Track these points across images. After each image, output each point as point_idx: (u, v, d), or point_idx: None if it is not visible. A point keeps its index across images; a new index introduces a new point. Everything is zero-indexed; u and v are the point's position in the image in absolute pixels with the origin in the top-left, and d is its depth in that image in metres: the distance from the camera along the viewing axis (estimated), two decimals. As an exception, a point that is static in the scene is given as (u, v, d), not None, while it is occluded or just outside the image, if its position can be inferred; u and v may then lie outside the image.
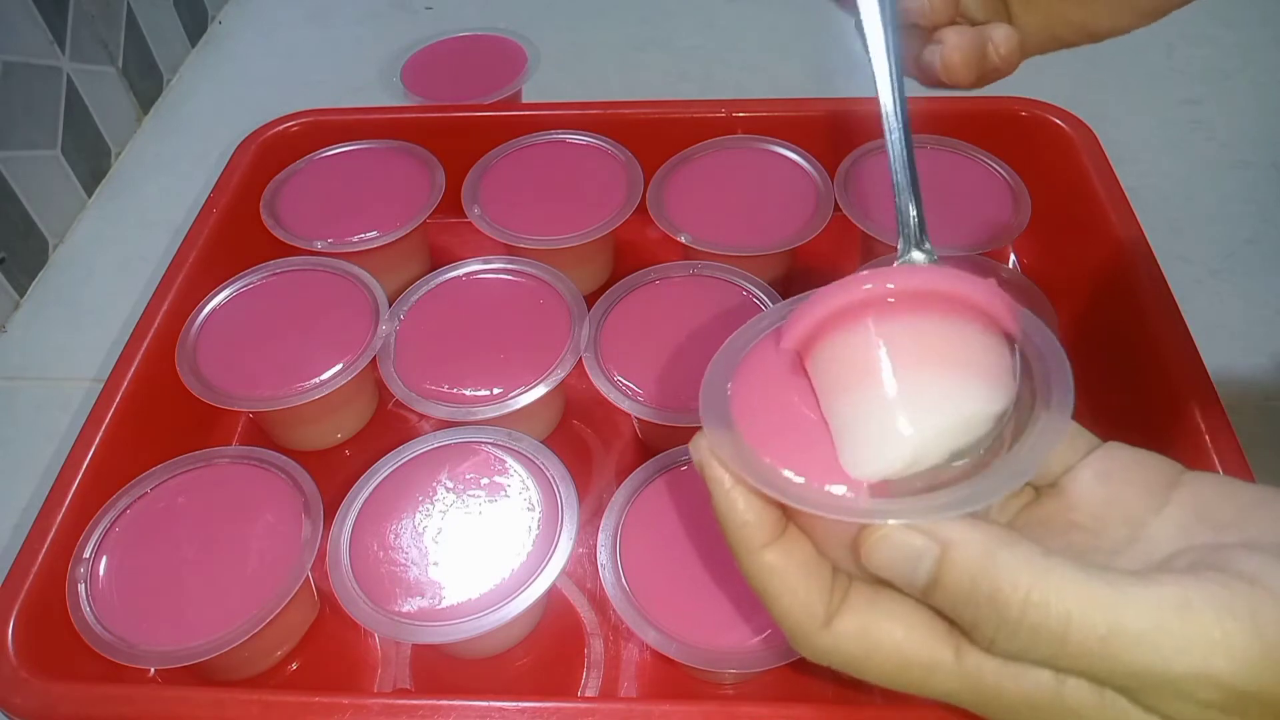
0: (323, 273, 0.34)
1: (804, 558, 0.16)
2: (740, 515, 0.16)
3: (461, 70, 0.45)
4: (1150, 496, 0.16)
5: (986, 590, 0.14)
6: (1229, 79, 0.47)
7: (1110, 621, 0.13)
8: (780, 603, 0.16)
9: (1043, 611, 0.13)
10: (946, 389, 0.15)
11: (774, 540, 0.16)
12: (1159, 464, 0.16)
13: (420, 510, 0.27)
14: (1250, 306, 0.37)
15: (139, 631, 0.25)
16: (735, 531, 0.16)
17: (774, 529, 0.16)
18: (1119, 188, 0.34)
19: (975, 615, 0.14)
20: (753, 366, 0.18)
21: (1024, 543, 0.14)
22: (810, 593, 0.16)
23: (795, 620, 0.16)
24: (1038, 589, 0.13)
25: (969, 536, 0.14)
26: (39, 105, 0.41)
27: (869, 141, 0.37)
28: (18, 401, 0.37)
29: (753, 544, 0.16)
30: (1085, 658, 0.13)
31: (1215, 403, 0.27)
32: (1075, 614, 0.13)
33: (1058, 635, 0.13)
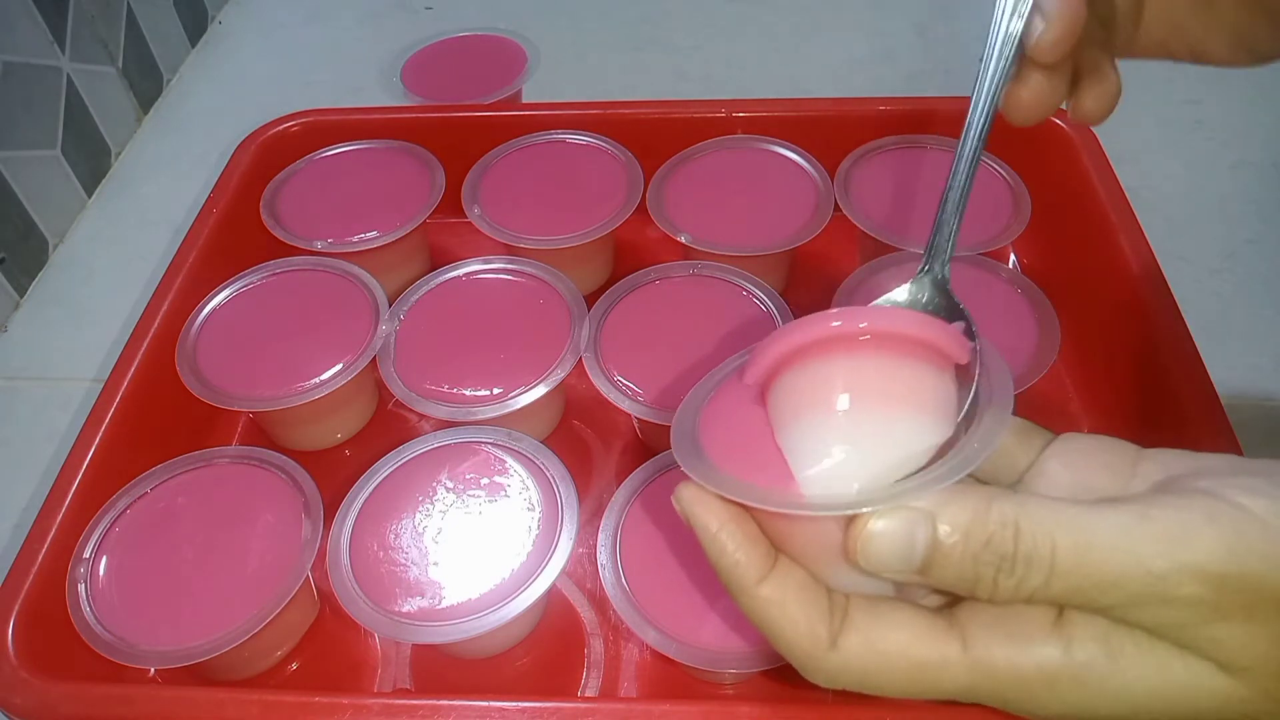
0: (323, 273, 0.34)
1: (799, 586, 0.16)
2: (731, 556, 0.16)
3: (461, 70, 0.45)
4: (1116, 475, 0.16)
5: (980, 538, 0.15)
6: (1229, 79, 0.47)
7: (1087, 538, 0.14)
8: (784, 634, 0.16)
9: (1031, 540, 0.14)
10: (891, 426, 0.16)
11: (766, 575, 0.16)
12: (1118, 445, 0.17)
13: (420, 510, 0.27)
14: (1250, 306, 0.37)
15: (139, 631, 0.25)
16: (728, 573, 0.16)
17: (764, 564, 0.16)
18: (1119, 188, 0.33)
19: (975, 569, 0.15)
20: (720, 406, 0.18)
21: (999, 490, 0.15)
22: (811, 619, 0.16)
23: (801, 648, 0.16)
24: (1023, 519, 0.14)
25: (951, 499, 0.15)
26: (39, 105, 0.41)
27: (869, 141, 0.37)
28: (18, 401, 0.37)
29: (747, 582, 0.16)
30: (1074, 576, 0.14)
31: (1215, 402, 0.27)
32: (1058, 534, 0.14)
33: (1046, 558, 0.14)
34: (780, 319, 0.31)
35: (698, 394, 0.20)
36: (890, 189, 0.36)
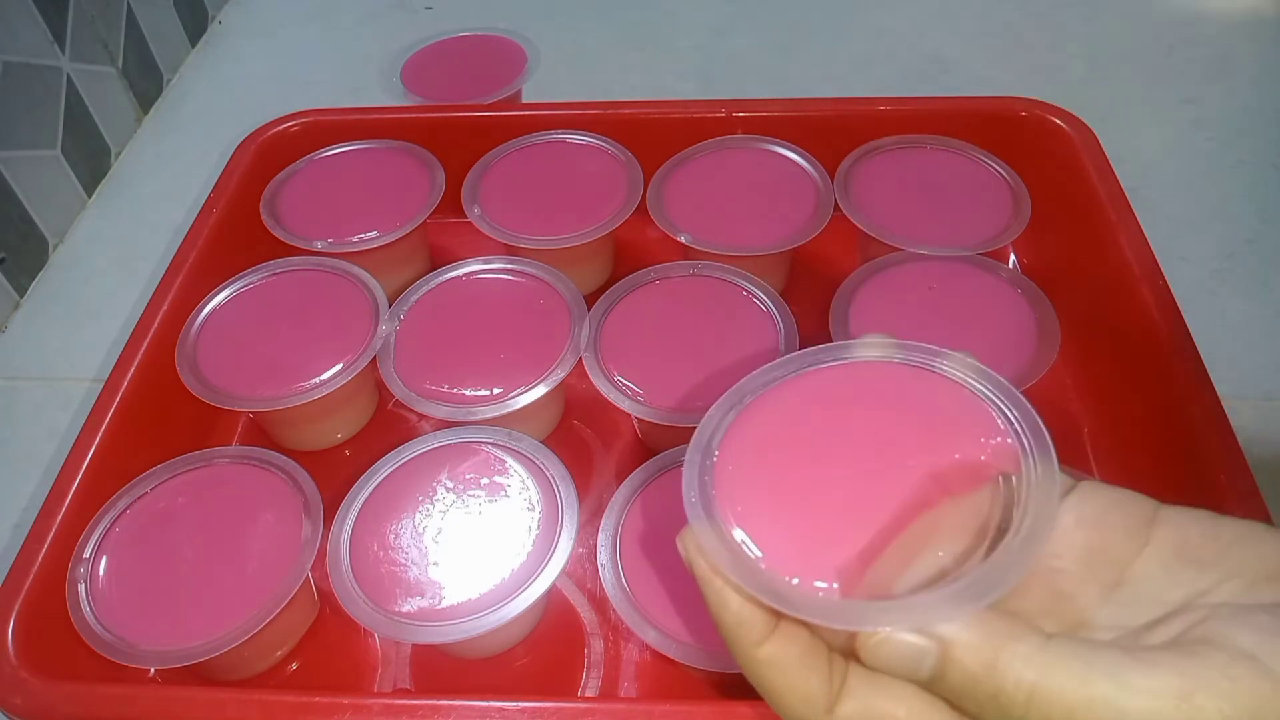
0: (323, 273, 0.34)
1: (801, 650, 0.16)
2: (734, 615, 0.16)
3: (461, 70, 0.45)
4: (1131, 538, 0.16)
5: (989, 690, 0.14)
6: (1229, 79, 0.47)
7: (1113, 718, 0.13)
8: (781, 698, 0.16)
9: (1045, 709, 0.13)
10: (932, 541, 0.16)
11: (768, 635, 0.16)
12: (1136, 503, 0.16)
13: (420, 510, 0.27)
14: (1250, 306, 0.37)
15: (139, 631, 0.25)
16: (729, 630, 0.16)
17: (767, 624, 0.16)
18: (1119, 188, 0.34)
19: (979, 710, 0.14)
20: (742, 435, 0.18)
21: (1025, 634, 0.14)
22: (809, 684, 0.16)
23: (798, 713, 0.16)
24: (1040, 689, 0.14)
25: (969, 637, 0.14)
26: (39, 105, 0.41)
27: (869, 141, 0.37)
28: (18, 401, 0.37)
29: (747, 642, 0.16)
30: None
31: (1215, 402, 0.27)
32: (1078, 712, 0.13)
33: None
34: (780, 319, 0.31)
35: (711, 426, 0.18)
36: (890, 189, 0.36)
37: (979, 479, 0.16)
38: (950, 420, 0.17)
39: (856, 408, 0.17)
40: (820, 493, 0.16)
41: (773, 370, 0.18)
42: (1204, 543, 0.15)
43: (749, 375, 0.18)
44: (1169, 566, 0.15)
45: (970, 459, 0.16)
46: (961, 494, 0.16)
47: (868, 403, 0.17)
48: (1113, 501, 0.16)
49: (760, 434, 0.17)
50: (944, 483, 0.16)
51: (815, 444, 0.17)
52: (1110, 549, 0.16)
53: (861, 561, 0.16)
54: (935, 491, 0.16)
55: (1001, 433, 0.17)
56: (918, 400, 0.17)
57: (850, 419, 0.17)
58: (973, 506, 0.16)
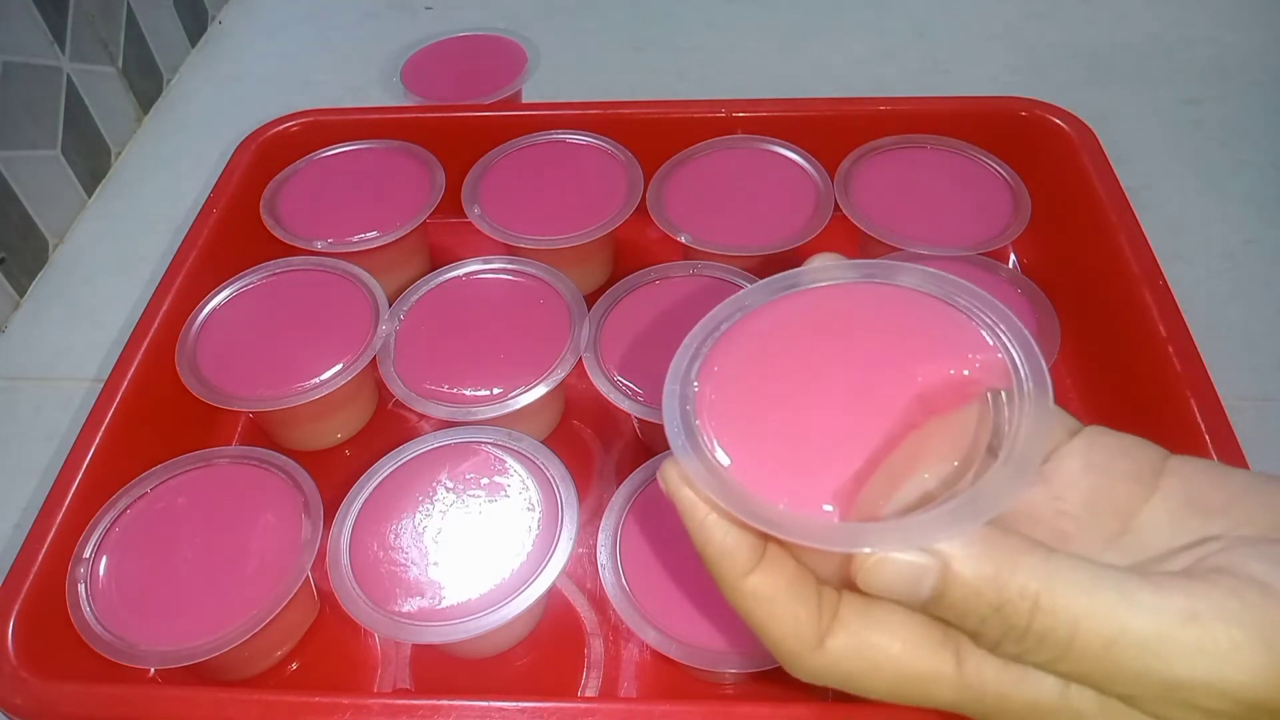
0: (323, 273, 0.34)
1: (788, 580, 0.15)
2: (717, 546, 0.15)
3: (461, 70, 0.45)
4: (1138, 485, 0.16)
5: (993, 600, 0.13)
6: (1229, 79, 0.47)
7: (1116, 629, 0.13)
8: (768, 631, 0.15)
9: (1050, 618, 0.13)
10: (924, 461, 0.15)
11: (754, 566, 0.15)
12: (1144, 450, 0.16)
13: (420, 510, 0.27)
14: (1250, 306, 0.37)
15: (139, 631, 0.25)
16: (714, 562, 0.15)
17: (753, 554, 0.15)
18: (1119, 188, 0.34)
19: (980, 625, 0.14)
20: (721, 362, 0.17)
21: (1030, 547, 0.14)
22: (798, 617, 0.15)
23: (787, 647, 0.15)
24: (1045, 595, 0.13)
25: (970, 550, 0.14)
26: (39, 105, 0.41)
27: (869, 141, 0.37)
28: (18, 402, 0.37)
29: (733, 574, 0.15)
30: (1089, 662, 0.13)
31: (1215, 402, 0.27)
32: (1082, 620, 0.13)
33: (1063, 641, 0.13)
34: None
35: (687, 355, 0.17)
36: (890, 189, 0.36)
37: (965, 396, 0.16)
38: (934, 337, 0.16)
39: (837, 330, 0.17)
40: (805, 418, 0.16)
41: (747, 297, 0.18)
42: (1212, 492, 0.15)
43: (721, 303, 0.18)
44: (1176, 515, 0.15)
45: (956, 376, 0.16)
46: (947, 412, 0.15)
47: (849, 324, 0.17)
48: (1121, 448, 0.16)
49: (739, 361, 0.17)
50: (929, 402, 0.16)
51: (796, 369, 0.16)
52: (1116, 496, 0.15)
53: (853, 485, 0.15)
54: (920, 411, 0.15)
55: (988, 348, 0.16)
56: (900, 319, 0.17)
57: (831, 341, 0.17)
58: (959, 425, 0.16)
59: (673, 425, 0.16)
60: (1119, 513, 0.15)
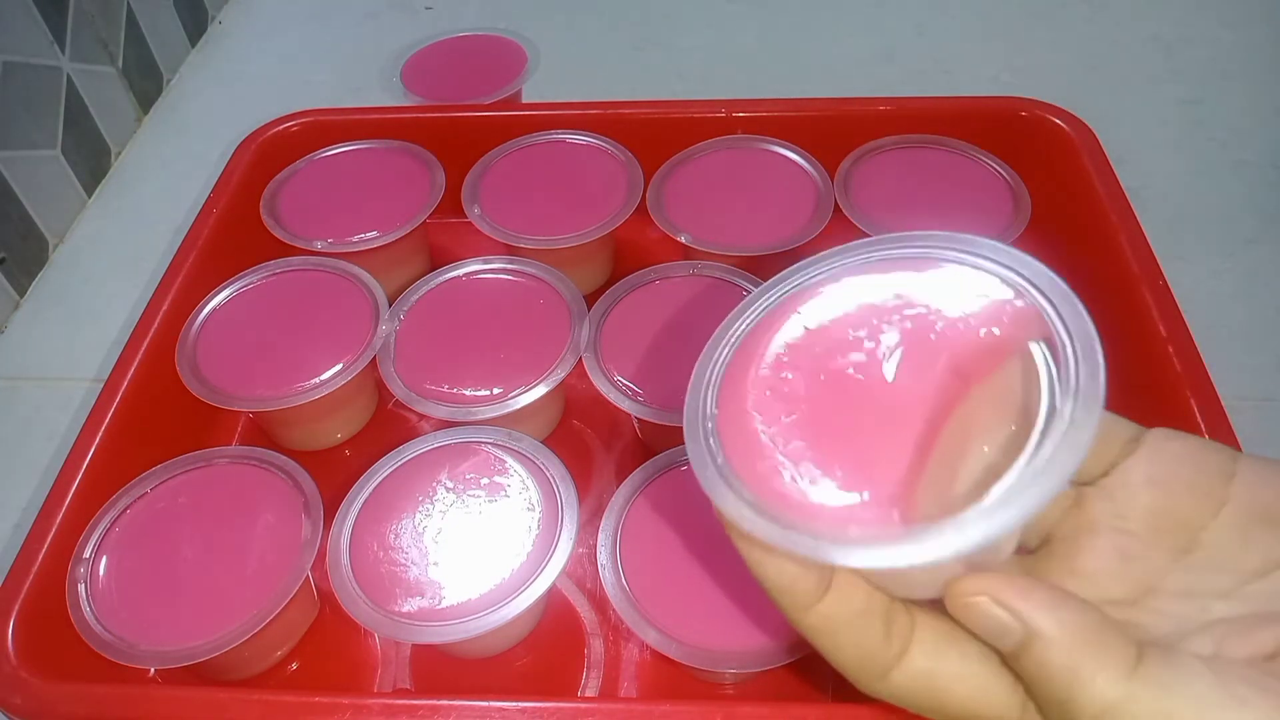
0: (323, 273, 0.34)
1: (853, 612, 0.15)
2: (775, 582, 0.15)
3: (461, 70, 0.45)
4: (1206, 499, 0.15)
5: (1060, 696, 0.13)
6: (1229, 79, 0.47)
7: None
8: (833, 658, 0.15)
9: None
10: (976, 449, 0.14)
11: (818, 599, 0.15)
12: (1210, 456, 0.15)
13: (420, 510, 0.27)
14: (1250, 306, 0.37)
15: (139, 631, 0.25)
16: (776, 597, 0.15)
17: (817, 587, 0.15)
18: (1119, 188, 0.33)
19: (1042, 705, 0.14)
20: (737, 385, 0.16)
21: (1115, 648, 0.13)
22: (863, 647, 0.15)
23: (851, 674, 0.15)
24: (1115, 711, 0.13)
25: (1058, 634, 0.13)
26: (39, 105, 0.41)
27: (869, 142, 0.37)
28: (18, 402, 0.37)
29: (795, 609, 0.15)
30: None
31: (1215, 403, 0.27)
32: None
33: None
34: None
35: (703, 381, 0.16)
36: (890, 189, 0.36)
37: (1001, 354, 0.15)
38: (953, 302, 0.15)
39: (853, 321, 0.16)
40: (838, 425, 0.15)
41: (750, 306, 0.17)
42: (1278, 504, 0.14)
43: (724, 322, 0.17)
44: (1245, 530, 0.14)
45: (985, 337, 0.15)
46: (986, 378, 0.14)
47: (863, 312, 0.16)
48: (1185, 456, 0.15)
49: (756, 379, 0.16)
50: (964, 372, 0.14)
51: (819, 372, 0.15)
52: (1182, 511, 0.15)
53: (908, 484, 0.14)
54: (959, 385, 0.14)
55: (1009, 297, 0.15)
56: (913, 294, 0.16)
57: (849, 335, 0.16)
58: (1004, 387, 0.15)
59: (701, 465, 0.15)
60: (1185, 527, 0.15)
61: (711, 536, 0.26)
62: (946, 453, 0.14)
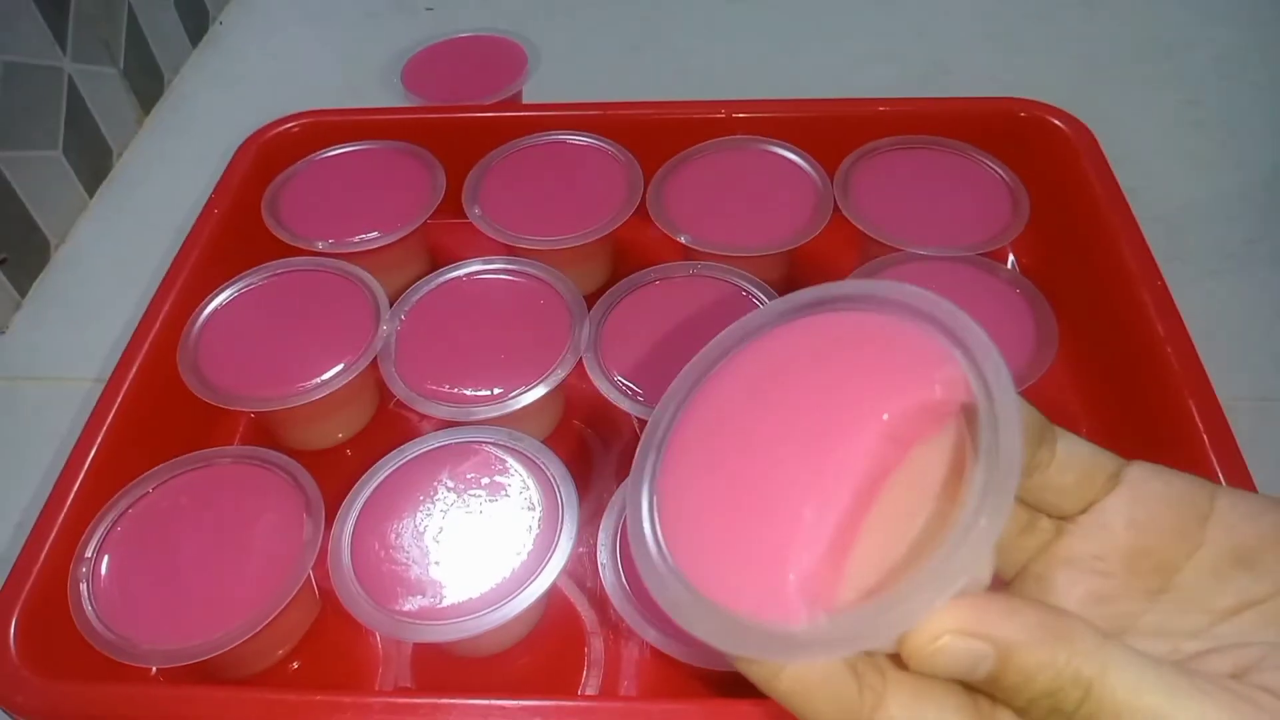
0: (324, 273, 0.34)
1: (823, 674, 0.15)
2: (742, 656, 0.15)
3: (462, 71, 0.45)
4: (1183, 540, 0.15)
5: (1047, 687, 0.13)
6: (1228, 80, 0.47)
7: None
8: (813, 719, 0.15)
9: (1096, 706, 0.13)
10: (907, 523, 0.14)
11: (783, 666, 0.15)
12: (1190, 496, 0.15)
13: (421, 510, 0.27)
14: (1248, 307, 0.37)
15: (141, 631, 0.25)
16: (745, 670, 0.15)
17: None
18: (1118, 188, 0.34)
19: (1028, 705, 0.14)
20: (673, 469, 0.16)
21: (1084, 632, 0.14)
22: (839, 703, 0.15)
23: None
24: (1097, 683, 0.13)
25: (1028, 638, 0.13)
26: (40, 106, 0.41)
27: (868, 142, 0.37)
28: (19, 402, 0.37)
29: (763, 679, 0.15)
30: None
31: (1213, 402, 0.27)
32: (1125, 715, 0.13)
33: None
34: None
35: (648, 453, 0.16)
36: (890, 189, 0.36)
37: (938, 420, 0.14)
38: (890, 360, 0.15)
39: (779, 390, 0.15)
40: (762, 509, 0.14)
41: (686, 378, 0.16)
42: (1260, 546, 0.15)
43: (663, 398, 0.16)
44: (1220, 571, 0.15)
45: (920, 399, 0.14)
46: (922, 443, 0.14)
47: (789, 380, 0.15)
48: (1166, 499, 0.15)
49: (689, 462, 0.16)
50: (901, 437, 0.14)
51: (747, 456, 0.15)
52: (1159, 553, 0.15)
53: (833, 564, 0.14)
54: (895, 450, 0.14)
55: (948, 359, 0.14)
56: (843, 354, 0.15)
57: (774, 407, 0.15)
58: (937, 455, 0.14)
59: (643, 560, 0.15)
60: (1161, 569, 0.15)
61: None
62: (882, 522, 0.14)
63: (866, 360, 0.15)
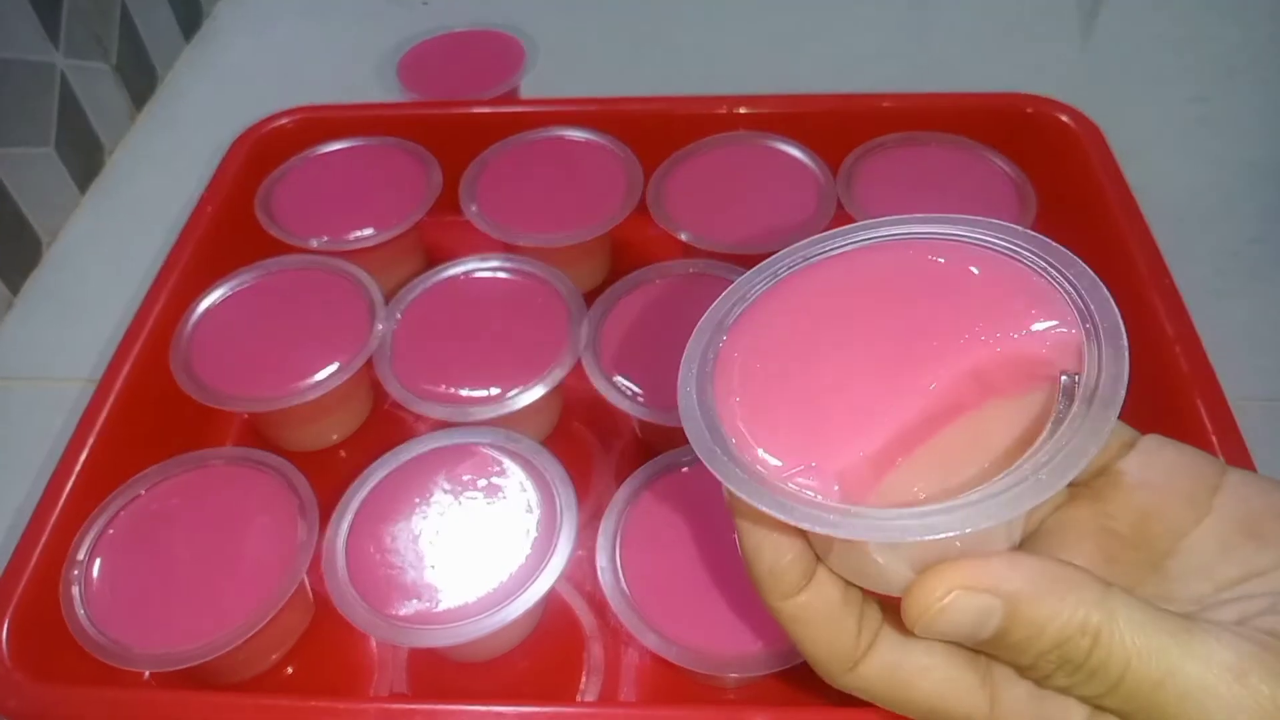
0: (318, 271, 0.34)
1: (829, 607, 0.15)
2: (766, 567, 0.15)
3: (458, 66, 0.44)
4: (1192, 508, 0.15)
5: (1055, 637, 0.13)
6: (1237, 77, 0.47)
7: (1165, 672, 0.13)
8: (804, 649, 0.16)
9: (1105, 653, 0.13)
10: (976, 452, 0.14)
11: (799, 590, 0.15)
12: (1202, 467, 0.16)
13: (417, 512, 0.27)
14: (1256, 304, 0.37)
15: (133, 634, 0.25)
16: (759, 581, 0.16)
17: (800, 580, 0.15)
18: (1125, 185, 0.33)
19: (1036, 659, 0.14)
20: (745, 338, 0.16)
21: (1087, 581, 0.14)
22: (834, 641, 0.15)
23: (821, 665, 0.16)
24: (1105, 630, 0.13)
25: (1034, 589, 0.13)
26: (32, 102, 0.40)
27: (873, 138, 0.37)
28: (11, 402, 0.36)
29: (775, 595, 0.16)
30: (1135, 701, 0.13)
31: (1221, 401, 0.27)
32: (1134, 660, 0.13)
33: (1115, 677, 0.13)
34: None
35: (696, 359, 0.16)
36: (894, 186, 0.36)
37: (1032, 378, 0.14)
38: (1004, 305, 0.14)
39: (879, 295, 0.15)
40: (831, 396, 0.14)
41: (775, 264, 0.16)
42: (1268, 519, 0.15)
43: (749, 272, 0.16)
44: (1227, 541, 0.15)
45: (1023, 351, 0.14)
46: (1010, 396, 0.14)
47: (894, 287, 0.15)
48: (1177, 464, 0.16)
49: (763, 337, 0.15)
50: (987, 380, 0.14)
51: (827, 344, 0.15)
52: (1168, 517, 0.15)
53: (873, 467, 0.14)
54: (975, 390, 0.14)
55: (1067, 321, 0.14)
56: (960, 278, 0.15)
57: (870, 310, 0.15)
58: (1012, 416, 0.14)
59: (691, 421, 0.15)
60: (1169, 532, 0.15)
61: (712, 539, 0.26)
62: (945, 455, 0.14)
63: (984, 294, 0.15)
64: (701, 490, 0.27)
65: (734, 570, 0.25)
